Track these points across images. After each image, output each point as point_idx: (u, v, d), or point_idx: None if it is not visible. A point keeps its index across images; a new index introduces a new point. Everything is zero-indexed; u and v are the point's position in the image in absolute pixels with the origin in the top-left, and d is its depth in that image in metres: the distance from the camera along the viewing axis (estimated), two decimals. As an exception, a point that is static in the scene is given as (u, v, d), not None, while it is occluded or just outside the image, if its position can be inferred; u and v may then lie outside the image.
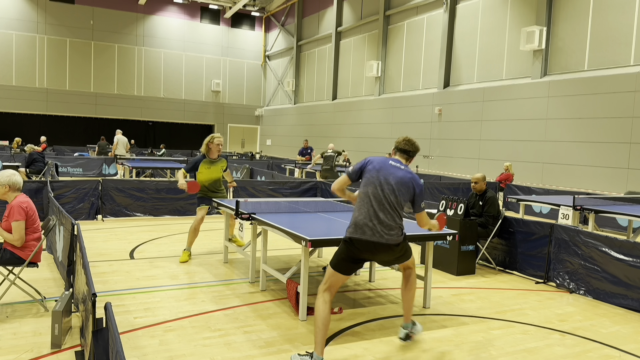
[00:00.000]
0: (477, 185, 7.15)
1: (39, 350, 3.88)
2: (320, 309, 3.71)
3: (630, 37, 12.58)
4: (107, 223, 9.46)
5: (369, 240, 3.78)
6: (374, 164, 3.93)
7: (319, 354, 3.63)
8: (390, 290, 5.87)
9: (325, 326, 3.66)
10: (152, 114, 30.06)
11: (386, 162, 3.93)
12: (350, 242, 3.83)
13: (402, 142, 4.07)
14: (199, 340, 4.17)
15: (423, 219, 4.06)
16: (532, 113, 14.67)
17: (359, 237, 3.79)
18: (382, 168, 3.89)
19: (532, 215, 12.61)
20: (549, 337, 4.62)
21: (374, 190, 3.83)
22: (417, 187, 3.90)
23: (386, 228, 3.79)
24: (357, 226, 3.82)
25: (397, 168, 3.91)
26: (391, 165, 3.92)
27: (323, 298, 3.76)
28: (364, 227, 3.79)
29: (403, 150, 4.07)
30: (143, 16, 29.32)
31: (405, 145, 4.08)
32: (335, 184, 4.07)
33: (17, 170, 12.42)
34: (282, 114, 29.95)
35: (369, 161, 3.97)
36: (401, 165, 3.95)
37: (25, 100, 26.99)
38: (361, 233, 3.79)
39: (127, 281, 5.79)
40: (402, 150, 4.08)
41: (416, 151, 4.11)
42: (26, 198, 4.75)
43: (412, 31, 19.85)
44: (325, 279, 3.87)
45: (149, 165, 14.13)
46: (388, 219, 3.80)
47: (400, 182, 3.84)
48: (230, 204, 6.50)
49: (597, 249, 5.86)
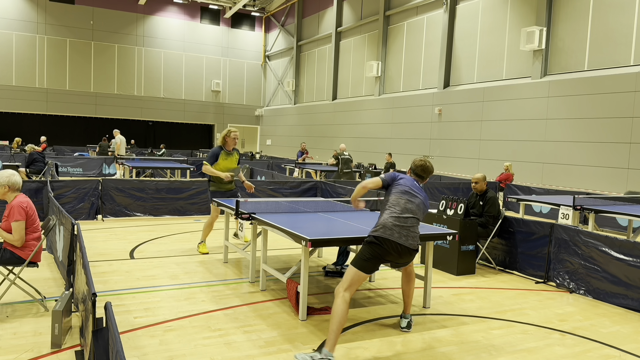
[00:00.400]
0: (478, 185, 7.15)
1: (39, 350, 3.88)
2: (340, 307, 3.84)
3: (630, 37, 12.58)
4: (107, 223, 9.46)
5: (397, 242, 4.09)
6: (405, 180, 4.41)
7: (329, 350, 3.72)
8: (390, 290, 5.87)
9: (341, 324, 3.80)
10: (152, 114, 30.06)
11: (413, 182, 4.44)
12: (377, 242, 4.08)
13: (419, 167, 4.51)
14: (199, 340, 4.17)
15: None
16: (532, 113, 14.67)
17: (388, 238, 4.07)
18: (411, 185, 4.38)
19: (532, 215, 12.62)
20: (549, 337, 4.62)
21: (406, 201, 4.26)
22: (428, 205, 4.45)
23: (411, 234, 4.19)
24: (387, 227, 4.12)
25: (420, 189, 4.43)
26: (416, 185, 4.43)
27: (343, 297, 3.91)
28: (393, 229, 4.11)
29: (419, 175, 4.53)
30: (143, 16, 29.33)
31: (422, 172, 4.52)
32: (368, 183, 4.31)
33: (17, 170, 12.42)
34: (282, 114, 29.95)
35: (400, 176, 4.45)
36: (418, 185, 4.47)
37: (25, 100, 26.99)
38: (391, 234, 4.09)
39: (127, 281, 5.79)
40: (418, 175, 4.53)
41: (429, 176, 4.57)
42: (26, 198, 4.75)
43: (412, 31, 19.85)
44: (345, 278, 4.02)
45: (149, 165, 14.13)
46: (413, 227, 4.21)
47: (421, 201, 4.35)
48: (231, 203, 6.50)
49: (597, 248, 5.86)
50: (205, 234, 7.38)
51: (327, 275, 6.36)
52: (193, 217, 10.43)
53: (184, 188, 10.47)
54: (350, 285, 3.99)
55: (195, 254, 7.24)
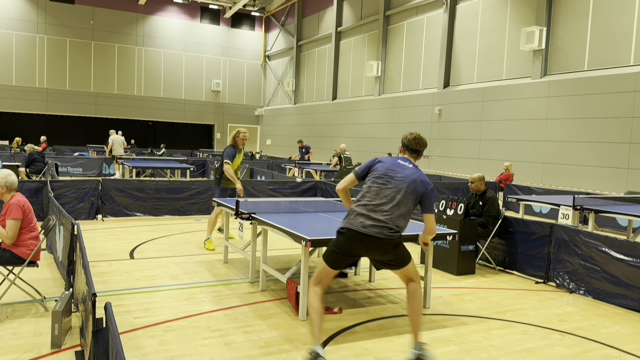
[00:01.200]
0: (474, 186, 7.15)
1: (39, 350, 3.88)
2: (311, 300, 3.72)
3: (630, 37, 12.58)
4: (107, 223, 9.46)
5: (360, 231, 3.67)
6: (383, 162, 3.89)
7: (313, 343, 3.60)
8: (390, 290, 5.87)
9: (318, 316, 3.65)
10: (152, 114, 30.06)
11: (395, 161, 3.88)
12: (342, 232, 3.76)
13: (412, 140, 3.96)
14: (199, 340, 4.17)
15: (429, 222, 3.91)
16: (532, 113, 14.67)
17: (350, 227, 3.71)
18: (390, 166, 3.84)
19: (532, 215, 12.61)
20: (549, 337, 4.62)
21: (378, 185, 3.77)
22: (424, 186, 3.80)
23: (381, 223, 3.68)
24: (353, 216, 3.75)
25: (405, 167, 3.85)
26: (399, 164, 3.87)
27: (314, 291, 3.77)
28: (359, 217, 3.72)
29: (412, 150, 3.99)
30: (143, 16, 29.32)
31: (416, 144, 3.97)
32: (340, 184, 4.01)
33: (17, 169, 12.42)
34: (282, 114, 29.95)
35: (377, 160, 3.93)
36: (409, 164, 3.89)
37: (25, 100, 26.99)
38: (353, 223, 3.72)
39: (127, 281, 5.79)
40: (411, 150, 3.99)
41: (424, 149, 4.02)
42: (23, 197, 4.76)
43: (412, 31, 19.85)
44: (315, 272, 3.85)
45: (149, 165, 14.13)
46: (385, 215, 3.70)
47: (407, 182, 3.76)
48: (231, 203, 6.50)
49: (597, 249, 5.86)
50: (210, 229, 7.65)
51: (327, 276, 6.35)
52: (193, 217, 10.43)
53: (184, 188, 10.47)
54: (317, 279, 3.81)
55: (195, 254, 7.24)
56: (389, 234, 3.69)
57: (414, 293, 3.90)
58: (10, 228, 4.60)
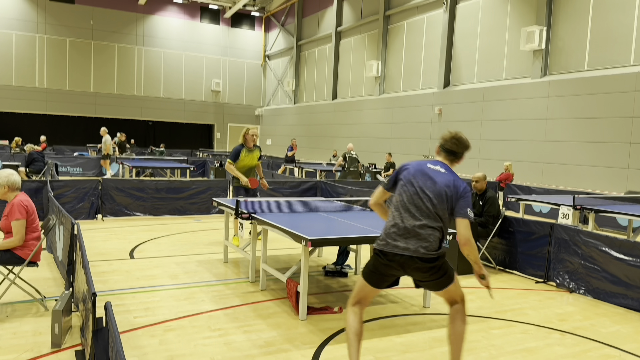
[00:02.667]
0: (478, 184, 7.16)
1: (39, 349, 3.88)
2: (349, 320, 3.41)
3: (630, 37, 12.58)
4: (107, 222, 9.46)
5: (396, 253, 3.29)
6: (410, 168, 3.45)
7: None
8: (390, 290, 5.86)
9: (356, 336, 3.35)
10: (152, 114, 30.06)
11: (423, 165, 3.43)
12: (378, 254, 3.38)
13: (449, 140, 3.47)
14: (199, 340, 4.17)
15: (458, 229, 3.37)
16: (532, 113, 14.67)
17: (386, 250, 3.33)
18: (417, 172, 3.40)
19: (532, 214, 12.61)
20: (549, 336, 4.62)
21: (408, 197, 3.35)
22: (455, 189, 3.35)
23: (418, 240, 3.28)
24: (387, 237, 3.36)
25: (436, 171, 3.38)
26: (429, 168, 3.40)
27: (352, 310, 3.44)
28: (393, 236, 3.33)
29: (450, 151, 3.48)
30: (143, 16, 29.32)
31: (453, 145, 3.46)
32: (371, 199, 3.71)
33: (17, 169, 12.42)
34: (282, 113, 29.95)
35: (403, 166, 3.50)
36: (441, 167, 3.42)
37: (25, 100, 26.99)
38: (389, 246, 3.32)
39: (127, 281, 5.79)
40: (448, 152, 3.48)
41: (465, 151, 3.49)
42: (26, 197, 4.75)
43: (412, 31, 19.85)
44: (354, 291, 3.50)
45: (149, 165, 14.13)
46: (421, 229, 3.29)
47: (439, 187, 3.32)
48: (231, 203, 6.50)
49: (597, 248, 5.85)
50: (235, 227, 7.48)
51: (327, 275, 6.36)
52: (193, 216, 10.43)
53: (184, 188, 10.47)
54: (356, 298, 3.46)
55: (195, 253, 7.24)
56: (425, 253, 3.27)
57: (455, 315, 3.43)
58: (16, 230, 4.58)
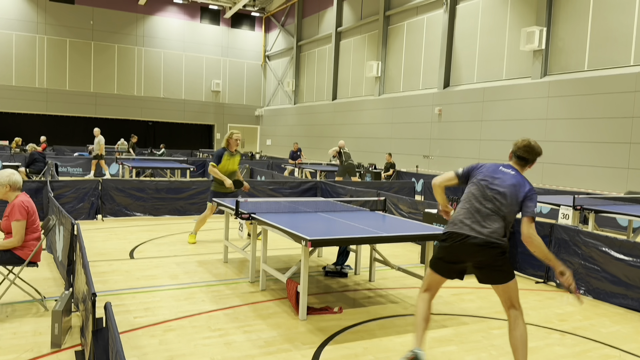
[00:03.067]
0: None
1: (39, 349, 3.88)
2: (418, 306, 3.70)
3: (630, 37, 12.58)
4: (107, 223, 9.46)
5: (464, 233, 3.54)
6: (485, 167, 3.77)
7: (417, 346, 3.56)
8: (390, 290, 5.86)
9: (424, 321, 3.62)
10: (152, 114, 30.06)
11: (497, 167, 3.73)
12: (445, 238, 3.65)
13: (522, 147, 3.72)
14: (199, 340, 4.17)
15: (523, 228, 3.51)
16: (532, 113, 14.67)
17: (454, 231, 3.60)
18: (491, 171, 3.71)
19: (532, 215, 12.59)
20: (549, 336, 4.62)
21: (479, 190, 3.65)
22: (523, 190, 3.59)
23: (484, 227, 3.53)
24: (455, 222, 3.66)
25: (507, 173, 3.67)
26: (501, 170, 3.70)
27: (422, 297, 3.73)
28: (461, 222, 3.61)
29: (521, 157, 3.74)
30: (143, 16, 29.32)
31: (524, 152, 3.72)
32: (439, 178, 3.90)
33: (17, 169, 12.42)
34: (282, 114, 29.95)
35: (479, 164, 3.82)
36: (512, 170, 3.70)
37: (25, 100, 26.99)
38: (459, 227, 3.60)
39: (127, 281, 5.79)
40: (519, 158, 3.74)
41: (536, 157, 3.76)
42: (27, 197, 4.74)
43: (412, 31, 19.85)
44: (424, 279, 3.79)
45: (149, 165, 14.13)
46: (488, 220, 3.55)
47: (506, 187, 3.59)
48: (231, 203, 6.50)
49: (597, 248, 5.86)
50: (197, 227, 7.91)
51: (327, 275, 6.36)
52: (193, 217, 10.43)
53: (184, 188, 10.47)
54: (426, 285, 3.74)
55: (195, 253, 7.24)
56: (496, 238, 3.51)
57: (516, 321, 3.55)
58: (16, 231, 4.58)
